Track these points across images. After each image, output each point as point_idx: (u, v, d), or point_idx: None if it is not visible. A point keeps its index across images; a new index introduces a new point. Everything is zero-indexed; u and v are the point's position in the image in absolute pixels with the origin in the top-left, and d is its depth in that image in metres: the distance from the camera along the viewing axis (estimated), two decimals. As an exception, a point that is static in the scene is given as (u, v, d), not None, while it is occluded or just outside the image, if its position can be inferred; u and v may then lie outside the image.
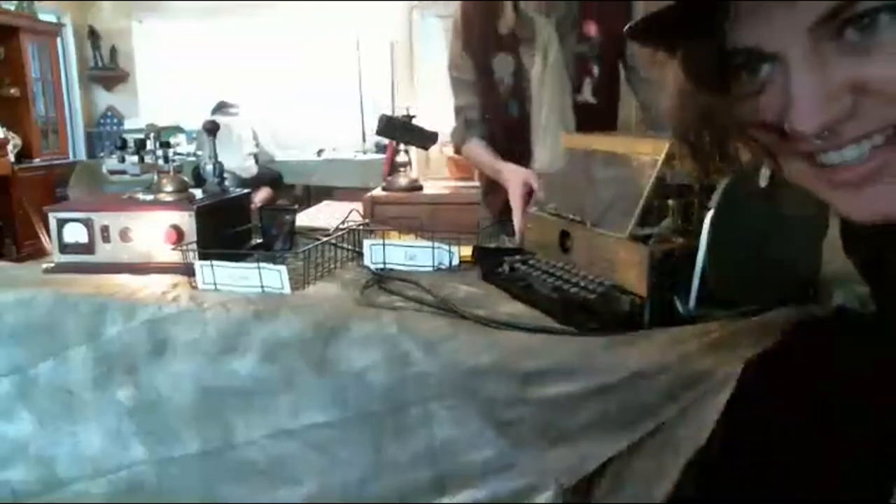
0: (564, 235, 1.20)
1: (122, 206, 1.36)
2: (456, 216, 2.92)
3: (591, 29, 1.43)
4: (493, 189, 1.80)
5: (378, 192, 3.25)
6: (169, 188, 1.39)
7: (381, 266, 1.33)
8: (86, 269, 1.33)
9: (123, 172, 1.43)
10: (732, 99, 0.54)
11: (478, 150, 1.79)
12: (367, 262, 1.35)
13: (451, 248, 1.34)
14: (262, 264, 1.20)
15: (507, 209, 1.56)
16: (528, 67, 1.68)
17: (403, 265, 1.33)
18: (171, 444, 1.15)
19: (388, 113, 2.87)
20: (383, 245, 1.34)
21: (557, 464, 0.95)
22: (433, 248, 1.33)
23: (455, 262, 1.34)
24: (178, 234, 1.31)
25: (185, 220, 1.31)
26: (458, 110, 1.83)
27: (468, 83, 1.78)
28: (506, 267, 1.26)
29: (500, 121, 1.75)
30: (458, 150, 1.93)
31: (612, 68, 1.66)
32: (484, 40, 1.71)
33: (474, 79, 1.76)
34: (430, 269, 1.33)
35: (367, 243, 1.36)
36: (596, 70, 1.41)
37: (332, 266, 1.37)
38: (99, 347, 1.16)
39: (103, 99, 6.15)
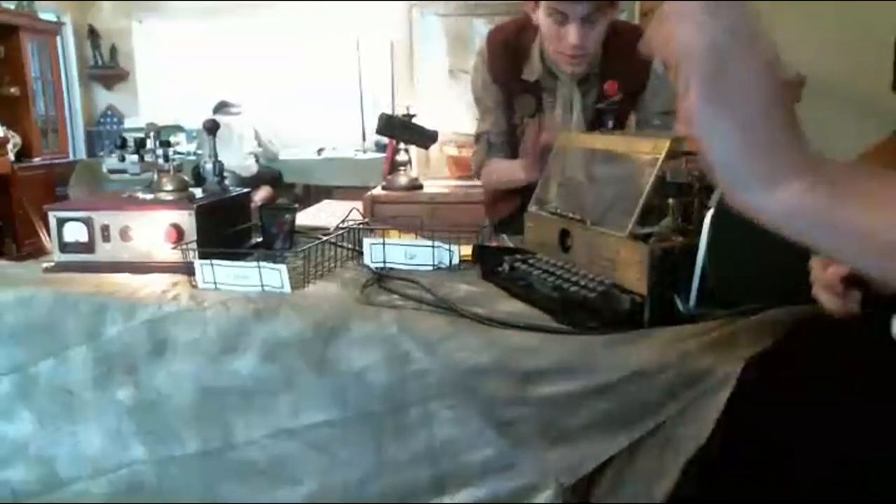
0: (564, 234, 1.20)
1: (122, 205, 1.36)
2: (456, 215, 2.92)
3: (612, 88, 1.48)
4: (497, 198, 1.88)
5: (378, 191, 3.25)
6: (169, 187, 1.39)
7: (381, 265, 1.33)
8: (86, 268, 1.33)
9: (123, 171, 1.43)
10: None
11: (495, 163, 1.83)
12: (367, 261, 1.35)
13: (451, 247, 1.34)
14: (262, 263, 1.20)
15: (509, 218, 1.65)
16: (547, 111, 1.75)
17: (403, 264, 1.33)
18: (171, 443, 1.15)
19: (388, 112, 2.87)
20: (383, 244, 1.34)
21: (557, 463, 0.95)
22: (433, 247, 1.33)
23: (455, 261, 1.34)
24: (178, 233, 1.31)
25: (185, 218, 1.31)
26: (479, 135, 1.87)
27: (492, 109, 1.82)
28: (506, 266, 1.26)
29: (516, 154, 1.82)
30: (477, 175, 1.95)
31: (625, 121, 1.73)
32: (508, 78, 1.76)
33: (496, 107, 1.81)
34: (430, 268, 1.33)
35: (367, 242, 1.36)
36: (611, 124, 1.46)
37: (332, 265, 1.37)
38: (99, 347, 1.16)
39: (103, 98, 6.14)
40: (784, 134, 0.49)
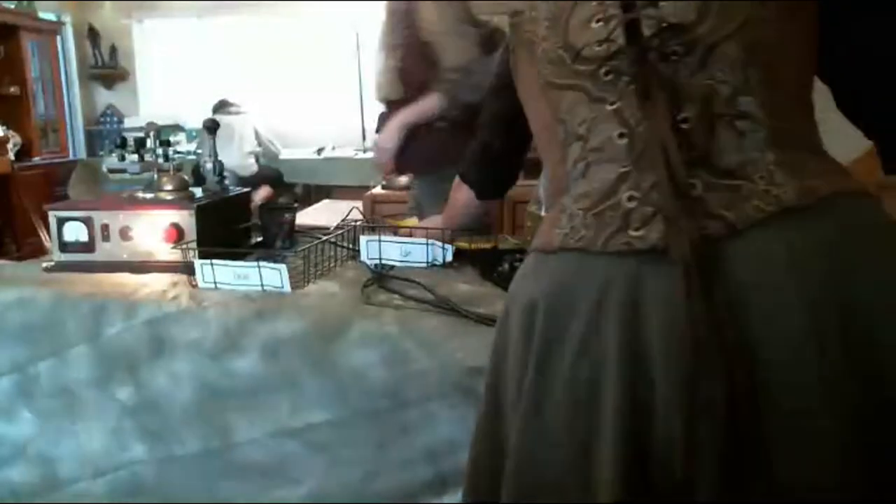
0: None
1: (122, 205, 1.35)
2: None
3: None
4: None
5: (378, 190, 3.25)
6: (169, 187, 1.39)
7: (377, 262, 1.33)
8: (86, 267, 1.33)
9: (123, 171, 1.43)
10: None
11: None
12: (363, 257, 1.35)
13: (445, 244, 1.35)
14: (262, 263, 1.20)
15: None
16: None
17: (398, 261, 1.34)
18: (172, 443, 1.15)
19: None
20: (379, 241, 1.34)
21: (558, 462, 0.94)
22: (427, 244, 1.34)
23: (448, 258, 1.34)
24: (178, 233, 1.31)
25: (186, 218, 1.31)
26: None
27: None
28: (506, 266, 1.26)
29: None
30: None
31: None
32: None
33: None
34: (425, 265, 1.33)
35: (363, 239, 1.36)
36: None
37: (332, 265, 1.37)
38: (99, 347, 1.16)
39: (103, 97, 6.14)
40: None
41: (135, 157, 1.42)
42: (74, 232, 1.34)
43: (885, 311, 0.62)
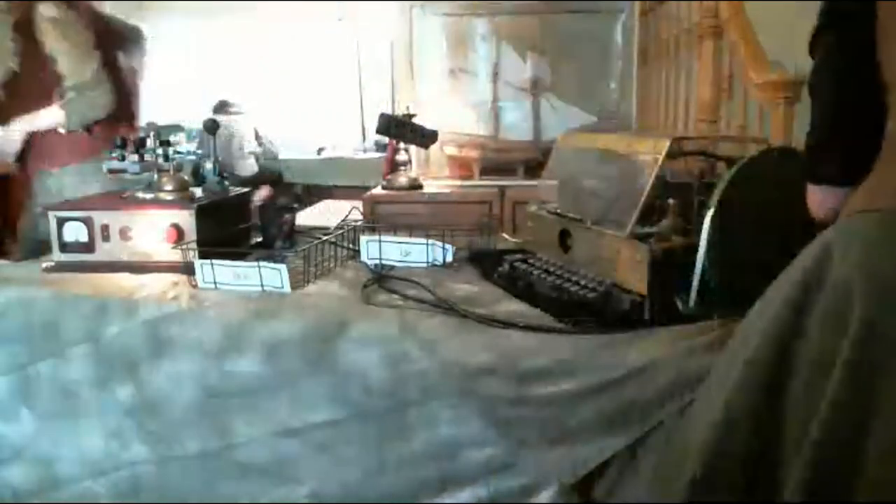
0: (565, 234, 1.20)
1: (122, 205, 1.36)
2: (456, 215, 2.91)
3: None
4: None
5: (378, 191, 3.24)
6: (169, 187, 1.39)
7: (377, 262, 1.33)
8: (85, 267, 1.33)
9: (123, 171, 1.43)
10: None
11: None
12: (363, 257, 1.35)
13: (445, 245, 1.35)
14: (262, 263, 1.20)
15: None
16: None
17: (398, 261, 1.34)
18: (172, 443, 1.15)
19: (388, 112, 2.86)
20: (379, 241, 1.34)
21: (558, 462, 0.95)
22: (427, 244, 1.34)
23: (449, 258, 1.34)
24: (179, 233, 1.30)
25: (186, 218, 1.31)
26: None
27: None
28: (506, 266, 1.26)
29: None
30: None
31: None
32: None
33: None
34: (425, 265, 1.33)
35: (363, 239, 1.37)
36: None
37: (332, 265, 1.37)
38: (99, 347, 1.16)
39: (103, 98, 6.14)
40: None
41: (135, 157, 1.42)
42: (74, 232, 1.34)
43: None
